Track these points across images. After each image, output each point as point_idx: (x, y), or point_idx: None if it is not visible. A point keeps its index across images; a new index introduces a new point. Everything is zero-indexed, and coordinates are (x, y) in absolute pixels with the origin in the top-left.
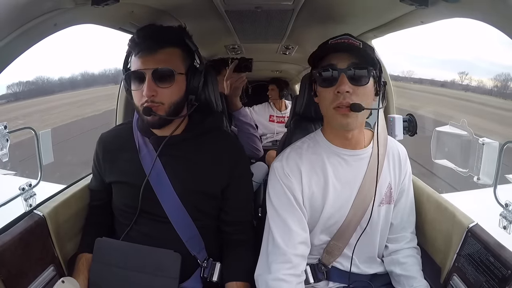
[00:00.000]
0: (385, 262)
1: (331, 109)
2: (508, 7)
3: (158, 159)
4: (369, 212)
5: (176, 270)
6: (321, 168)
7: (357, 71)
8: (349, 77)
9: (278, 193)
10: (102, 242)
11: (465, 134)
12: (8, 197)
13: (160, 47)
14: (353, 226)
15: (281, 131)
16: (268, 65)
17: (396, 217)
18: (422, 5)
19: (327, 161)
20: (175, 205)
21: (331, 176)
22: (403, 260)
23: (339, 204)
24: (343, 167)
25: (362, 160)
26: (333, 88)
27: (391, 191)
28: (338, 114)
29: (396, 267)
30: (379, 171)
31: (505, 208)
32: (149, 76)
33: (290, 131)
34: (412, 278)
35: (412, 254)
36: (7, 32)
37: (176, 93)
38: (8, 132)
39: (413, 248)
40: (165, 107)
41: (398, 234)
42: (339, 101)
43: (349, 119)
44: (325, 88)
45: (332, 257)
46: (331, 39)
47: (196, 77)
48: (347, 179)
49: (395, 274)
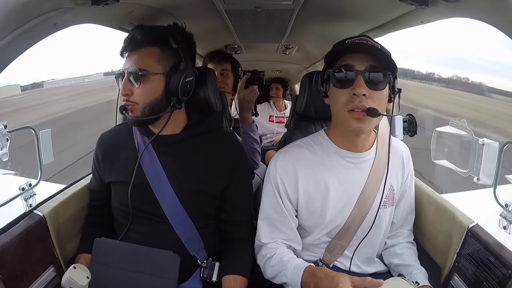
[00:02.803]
0: (383, 256)
1: (345, 111)
2: (508, 7)
3: (157, 159)
4: (372, 215)
5: (175, 271)
6: (321, 170)
7: (375, 74)
8: (366, 80)
9: (268, 191)
10: (101, 242)
11: (465, 135)
12: (8, 197)
13: (137, 47)
14: (355, 227)
15: (281, 131)
16: (268, 64)
17: (396, 216)
18: (422, 4)
19: (329, 163)
20: (174, 205)
21: (333, 179)
22: (400, 251)
23: (340, 207)
24: (346, 170)
25: (366, 162)
26: (348, 90)
27: (394, 192)
28: (352, 118)
29: (394, 258)
30: (388, 175)
31: (505, 209)
32: (126, 76)
33: (290, 131)
34: (411, 266)
35: (408, 246)
36: (7, 32)
37: (150, 93)
38: (8, 132)
39: (408, 242)
40: (139, 106)
41: (396, 231)
42: (354, 104)
43: (363, 124)
44: (339, 89)
45: (333, 256)
46: (348, 39)
47: (174, 77)
48: (350, 181)
49: (394, 265)
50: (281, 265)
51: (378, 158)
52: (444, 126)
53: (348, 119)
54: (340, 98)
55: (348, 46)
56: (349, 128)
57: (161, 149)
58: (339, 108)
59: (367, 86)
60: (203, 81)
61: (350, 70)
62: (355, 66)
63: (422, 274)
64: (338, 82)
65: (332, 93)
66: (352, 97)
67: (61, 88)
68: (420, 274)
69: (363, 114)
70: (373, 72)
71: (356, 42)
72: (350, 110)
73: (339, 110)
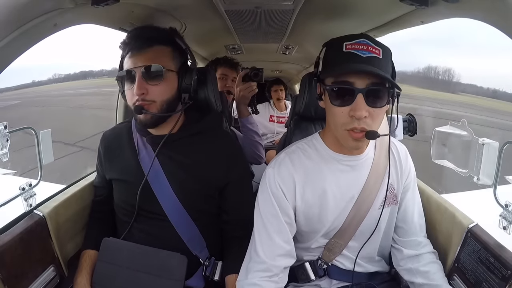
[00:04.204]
0: (401, 271)
1: (343, 129)
2: (508, 7)
3: (156, 159)
4: (372, 215)
5: (182, 272)
6: (318, 176)
7: (377, 91)
8: (366, 98)
9: (265, 201)
10: (109, 242)
11: (465, 135)
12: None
13: (149, 46)
14: (354, 226)
15: (281, 131)
16: (268, 64)
17: (404, 219)
18: (422, 5)
19: (326, 168)
20: (174, 205)
21: (330, 185)
22: (424, 268)
23: (339, 211)
24: (344, 174)
25: (365, 162)
26: (346, 109)
27: (394, 191)
28: (350, 137)
29: (418, 277)
30: (390, 176)
31: (505, 209)
32: (139, 74)
33: (290, 131)
34: (438, 286)
35: (432, 260)
36: (7, 32)
37: (167, 91)
38: (8, 132)
39: (431, 253)
40: (157, 105)
41: (409, 238)
42: (353, 126)
43: (361, 143)
44: (337, 106)
45: (332, 254)
46: (347, 41)
47: (187, 75)
48: (348, 184)
49: (417, 284)
50: None
51: (377, 158)
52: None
53: (346, 138)
54: (337, 116)
55: (347, 55)
56: (346, 145)
57: (159, 149)
58: (337, 125)
59: (368, 104)
60: (203, 81)
61: (350, 88)
62: (355, 84)
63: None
64: (336, 99)
65: (328, 107)
66: (351, 118)
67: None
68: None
69: (362, 135)
70: (375, 90)
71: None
72: (348, 129)
73: (337, 127)
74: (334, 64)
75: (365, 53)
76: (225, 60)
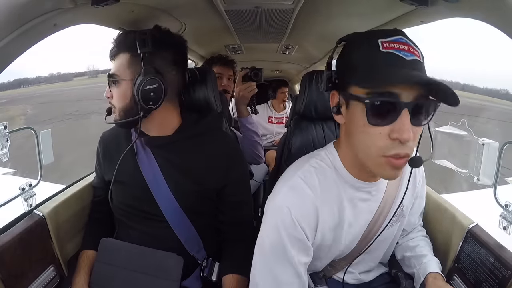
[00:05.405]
0: (396, 252)
1: (379, 156)
2: (508, 7)
3: (154, 160)
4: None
5: (178, 272)
6: (337, 205)
7: (425, 106)
8: (411, 114)
9: (274, 244)
10: (107, 243)
11: (465, 134)
12: (8, 197)
13: (116, 53)
14: (361, 249)
15: (281, 132)
16: (268, 64)
17: (408, 223)
18: (422, 4)
19: (345, 196)
20: (172, 206)
21: (348, 215)
22: (412, 244)
23: (350, 240)
24: (361, 203)
25: (380, 188)
26: (385, 129)
27: (403, 208)
28: (388, 165)
29: (407, 251)
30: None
31: (505, 209)
32: (108, 80)
33: (290, 131)
34: (423, 256)
35: (422, 238)
36: (7, 32)
37: (121, 99)
38: (8, 132)
39: (422, 235)
40: (116, 110)
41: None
42: (395, 152)
43: (400, 172)
44: (374, 126)
45: (335, 270)
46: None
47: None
48: (363, 213)
49: (406, 258)
50: None
51: (393, 182)
52: None
53: (382, 166)
54: (374, 138)
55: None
56: (381, 175)
57: (156, 150)
58: (371, 150)
59: (412, 122)
60: (203, 81)
61: (394, 103)
62: (401, 96)
63: (434, 262)
64: (374, 116)
65: (357, 125)
66: (392, 141)
67: None
68: (432, 263)
69: (404, 162)
70: (423, 105)
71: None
72: (388, 156)
73: (370, 152)
74: (371, 67)
75: (408, 54)
76: (219, 59)
